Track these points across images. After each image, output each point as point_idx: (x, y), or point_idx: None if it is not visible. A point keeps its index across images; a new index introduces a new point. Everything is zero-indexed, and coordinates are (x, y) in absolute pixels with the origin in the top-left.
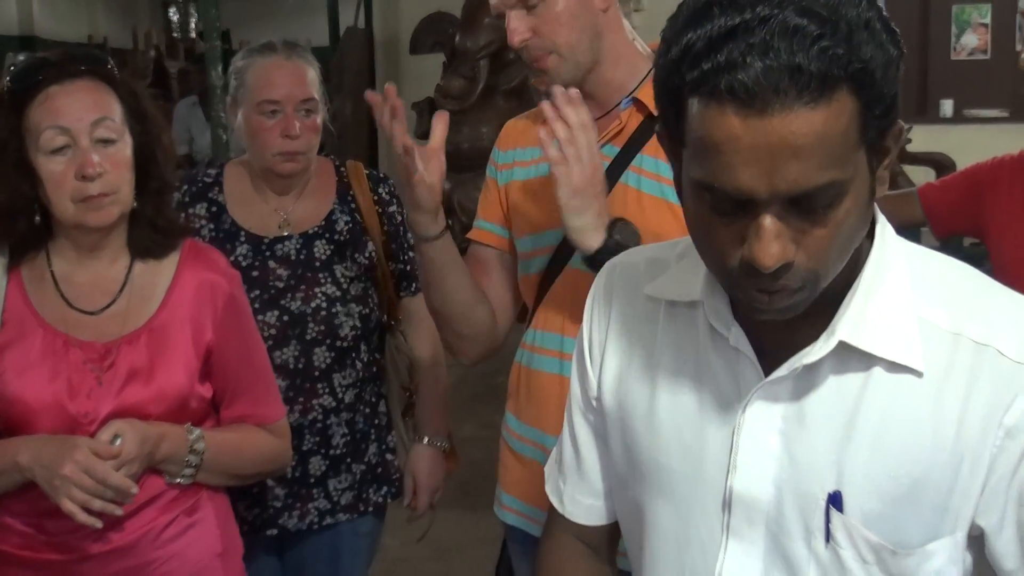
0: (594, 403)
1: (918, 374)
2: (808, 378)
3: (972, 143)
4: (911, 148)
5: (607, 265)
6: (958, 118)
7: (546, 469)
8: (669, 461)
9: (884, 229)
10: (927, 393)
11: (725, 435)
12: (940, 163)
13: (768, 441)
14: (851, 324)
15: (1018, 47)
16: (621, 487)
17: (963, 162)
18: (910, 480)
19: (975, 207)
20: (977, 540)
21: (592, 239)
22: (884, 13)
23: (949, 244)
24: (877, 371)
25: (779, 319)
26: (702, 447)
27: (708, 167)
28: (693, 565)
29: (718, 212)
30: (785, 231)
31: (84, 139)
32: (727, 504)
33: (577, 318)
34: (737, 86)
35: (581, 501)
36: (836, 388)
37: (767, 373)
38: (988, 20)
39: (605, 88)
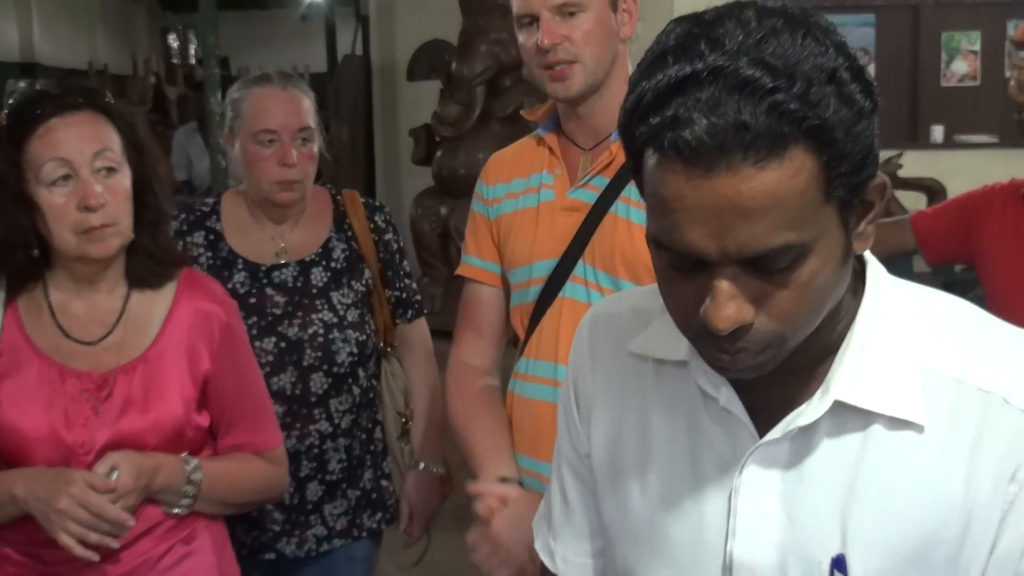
0: (585, 460)
1: (920, 428)
2: (805, 439)
3: (963, 168)
4: (902, 173)
5: (589, 315)
6: (949, 144)
7: (534, 524)
8: (666, 525)
9: (877, 276)
10: (932, 446)
11: (723, 499)
12: (931, 188)
13: (767, 504)
14: (846, 381)
15: (1007, 74)
16: (614, 547)
17: (954, 187)
18: (918, 540)
19: (966, 235)
20: None
21: None
22: (857, 61)
23: (940, 270)
24: (877, 427)
25: (746, 378)
26: (700, 512)
27: (660, 223)
28: None
29: (676, 269)
30: (742, 292)
31: (85, 170)
32: (728, 570)
33: (570, 346)
34: (682, 144)
35: (574, 560)
36: (835, 447)
37: (763, 433)
38: (977, 47)
39: (601, 115)
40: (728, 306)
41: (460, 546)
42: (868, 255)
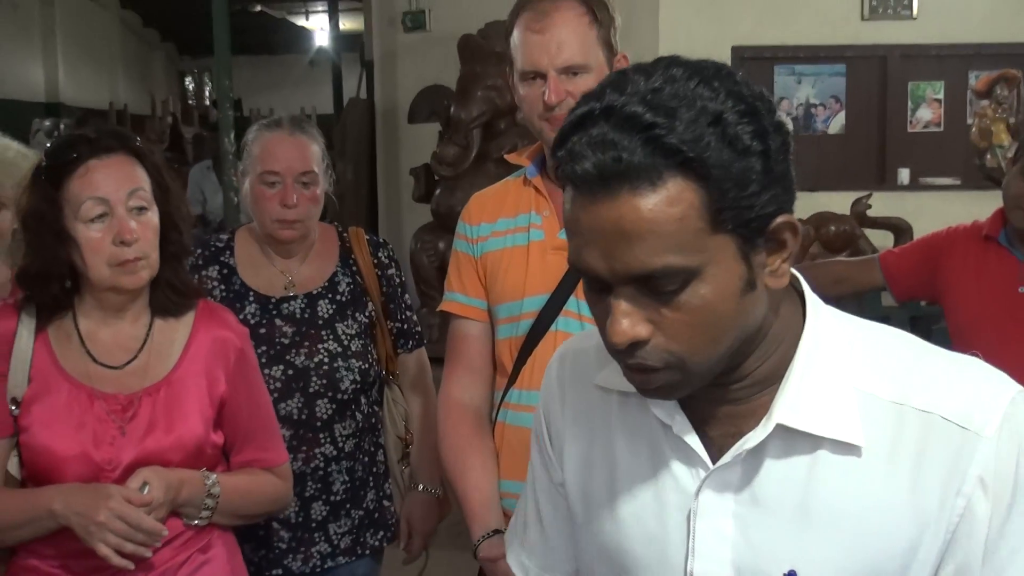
0: (560, 488)
1: (859, 451)
2: (755, 462)
3: (927, 209)
4: (871, 213)
5: (558, 353)
6: (914, 185)
7: (505, 537)
8: (633, 547)
9: (816, 308)
10: (876, 467)
11: (683, 521)
12: (898, 227)
13: (723, 526)
14: (788, 406)
15: (969, 121)
16: (589, 568)
17: (919, 226)
18: (868, 558)
19: (932, 273)
20: None
21: None
22: (753, 106)
23: (907, 306)
24: (823, 451)
25: (664, 399)
26: (664, 533)
27: (570, 247)
28: None
29: (592, 290)
30: (638, 311)
31: (120, 208)
32: None
33: None
34: (574, 175)
35: None
36: (784, 470)
37: (716, 459)
38: (941, 96)
39: None
40: (622, 322)
41: (456, 563)
42: (807, 289)
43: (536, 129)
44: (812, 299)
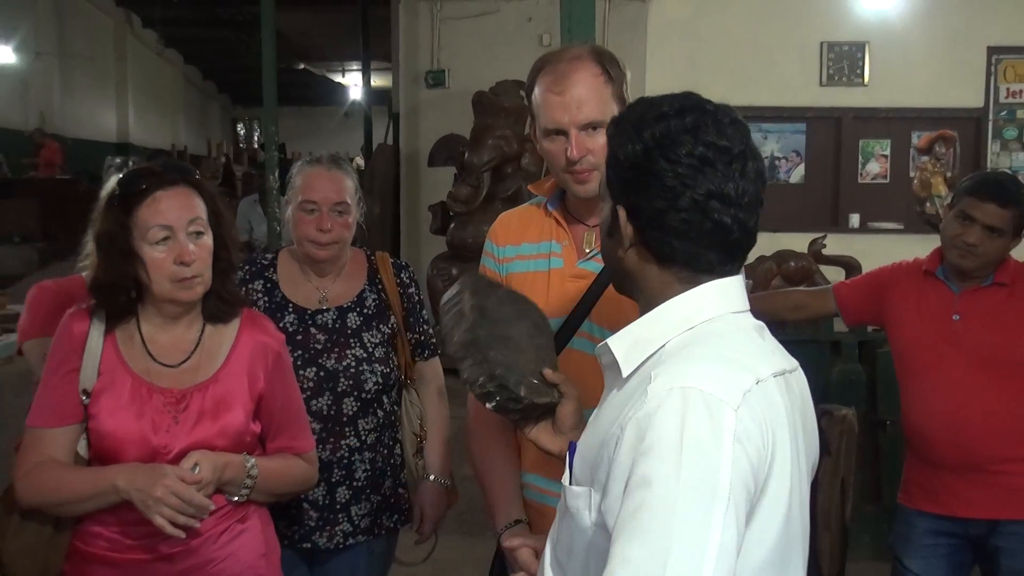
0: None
1: (624, 381)
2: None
3: (875, 249)
4: (825, 252)
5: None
6: (863, 229)
7: None
8: None
9: (701, 303)
10: (623, 394)
11: None
12: (849, 264)
13: None
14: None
15: (911, 174)
16: None
17: (867, 264)
18: (598, 437)
19: (878, 302)
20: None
21: None
22: (673, 133)
23: (856, 331)
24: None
25: None
26: None
27: None
28: None
29: None
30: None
31: (181, 234)
32: None
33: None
34: None
35: None
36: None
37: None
38: (888, 152)
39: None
40: None
41: (462, 546)
42: (707, 290)
43: (561, 180)
44: (708, 295)
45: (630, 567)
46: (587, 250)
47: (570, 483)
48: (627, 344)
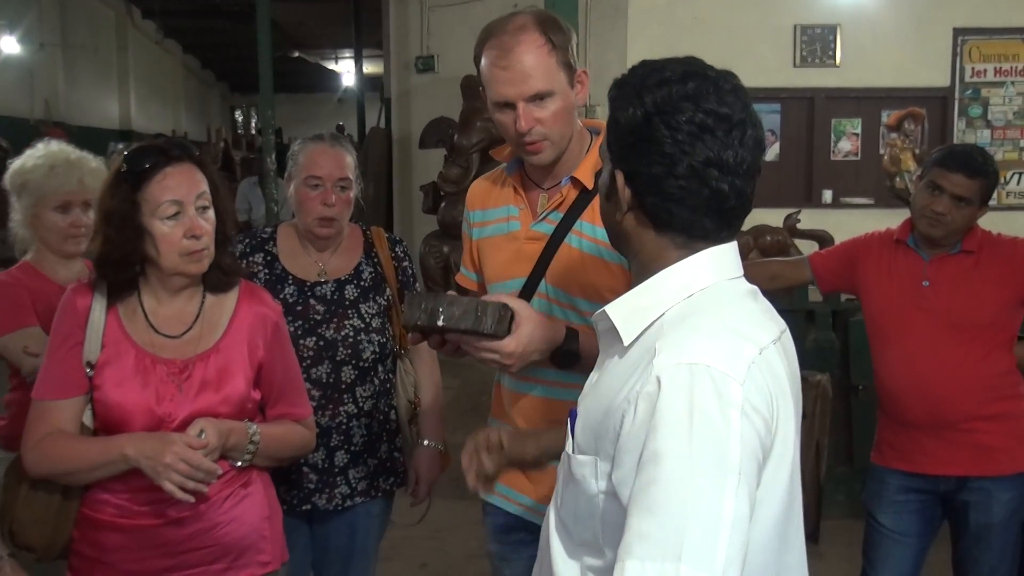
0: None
1: (626, 350)
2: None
3: (846, 223)
4: (800, 227)
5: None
6: (836, 204)
7: None
8: None
9: (698, 271)
10: (625, 364)
11: None
12: (822, 238)
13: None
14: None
15: (881, 151)
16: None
17: (840, 237)
18: (606, 402)
19: (851, 271)
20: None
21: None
22: (678, 107)
23: (830, 299)
24: (617, 337)
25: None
26: None
27: None
28: None
29: None
30: None
31: (191, 208)
32: None
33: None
34: None
35: None
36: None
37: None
38: (859, 130)
39: (562, 166)
40: None
41: (455, 509)
42: (702, 260)
43: (515, 149)
44: (710, 262)
45: (647, 543)
46: (540, 211)
47: (573, 451)
48: (625, 312)
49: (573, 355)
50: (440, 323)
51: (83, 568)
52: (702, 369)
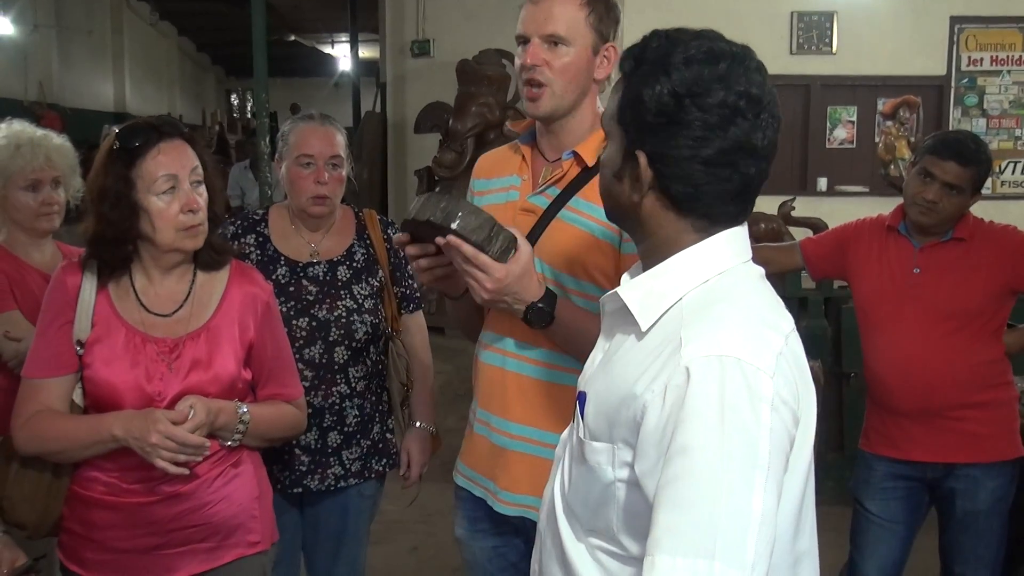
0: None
1: (643, 335)
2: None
3: (841, 211)
4: (794, 214)
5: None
6: (831, 192)
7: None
8: None
9: (715, 255)
10: (645, 348)
11: None
12: (816, 226)
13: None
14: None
15: (876, 139)
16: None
17: (834, 225)
18: (623, 387)
19: (842, 257)
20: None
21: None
22: (707, 89)
23: (822, 285)
24: (630, 320)
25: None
26: None
27: None
28: None
29: None
30: None
31: (186, 183)
32: None
33: (517, 323)
34: None
35: None
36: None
37: None
38: (854, 118)
39: (567, 135)
40: None
41: (446, 493)
42: (723, 240)
43: (521, 93)
44: (724, 246)
45: (678, 538)
46: (540, 184)
47: (586, 436)
48: (640, 295)
49: (547, 314)
50: (453, 226)
51: (73, 545)
52: (732, 362)
